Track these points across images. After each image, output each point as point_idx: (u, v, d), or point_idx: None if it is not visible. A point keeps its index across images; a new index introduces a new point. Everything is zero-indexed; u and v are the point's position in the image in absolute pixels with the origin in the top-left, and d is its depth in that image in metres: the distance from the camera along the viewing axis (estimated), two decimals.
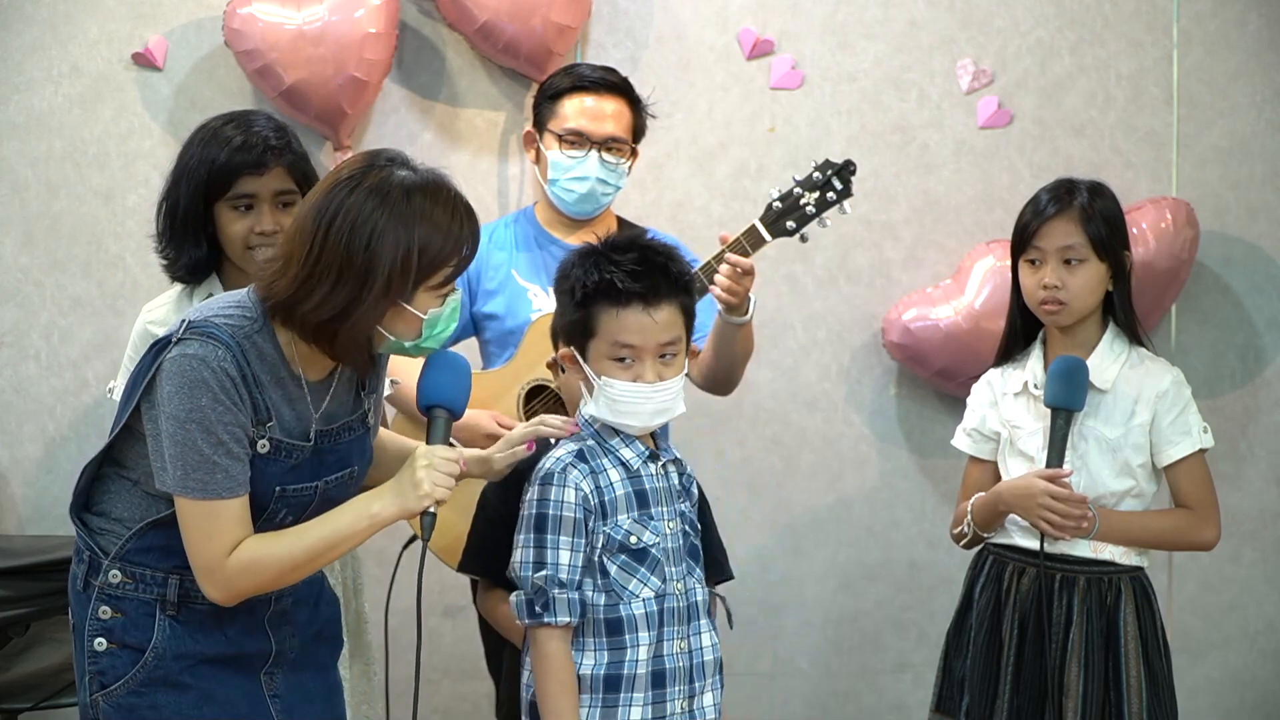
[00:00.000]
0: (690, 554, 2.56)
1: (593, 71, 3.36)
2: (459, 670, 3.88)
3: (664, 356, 2.47)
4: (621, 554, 2.47)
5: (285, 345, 2.33)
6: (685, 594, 2.52)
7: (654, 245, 2.53)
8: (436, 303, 2.32)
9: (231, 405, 2.25)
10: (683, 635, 2.51)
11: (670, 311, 2.47)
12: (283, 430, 2.33)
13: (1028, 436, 3.02)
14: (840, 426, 4.19)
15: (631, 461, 2.51)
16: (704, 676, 2.54)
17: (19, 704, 3.33)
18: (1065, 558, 2.96)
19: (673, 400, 2.49)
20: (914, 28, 4.13)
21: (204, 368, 2.23)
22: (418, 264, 2.26)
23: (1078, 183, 3.02)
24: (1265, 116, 4.17)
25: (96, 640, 2.35)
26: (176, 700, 2.34)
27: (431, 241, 2.26)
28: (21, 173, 3.99)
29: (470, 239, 2.32)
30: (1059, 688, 2.93)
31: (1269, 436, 4.23)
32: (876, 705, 4.24)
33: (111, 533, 2.38)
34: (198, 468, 2.24)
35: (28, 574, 3.27)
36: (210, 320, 2.27)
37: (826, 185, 3.17)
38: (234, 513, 2.28)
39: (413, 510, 2.30)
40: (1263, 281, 4.20)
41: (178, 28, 3.98)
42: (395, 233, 2.24)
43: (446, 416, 2.39)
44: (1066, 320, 2.98)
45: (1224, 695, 4.25)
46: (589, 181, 3.31)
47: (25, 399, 4.02)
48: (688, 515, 2.58)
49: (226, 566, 2.27)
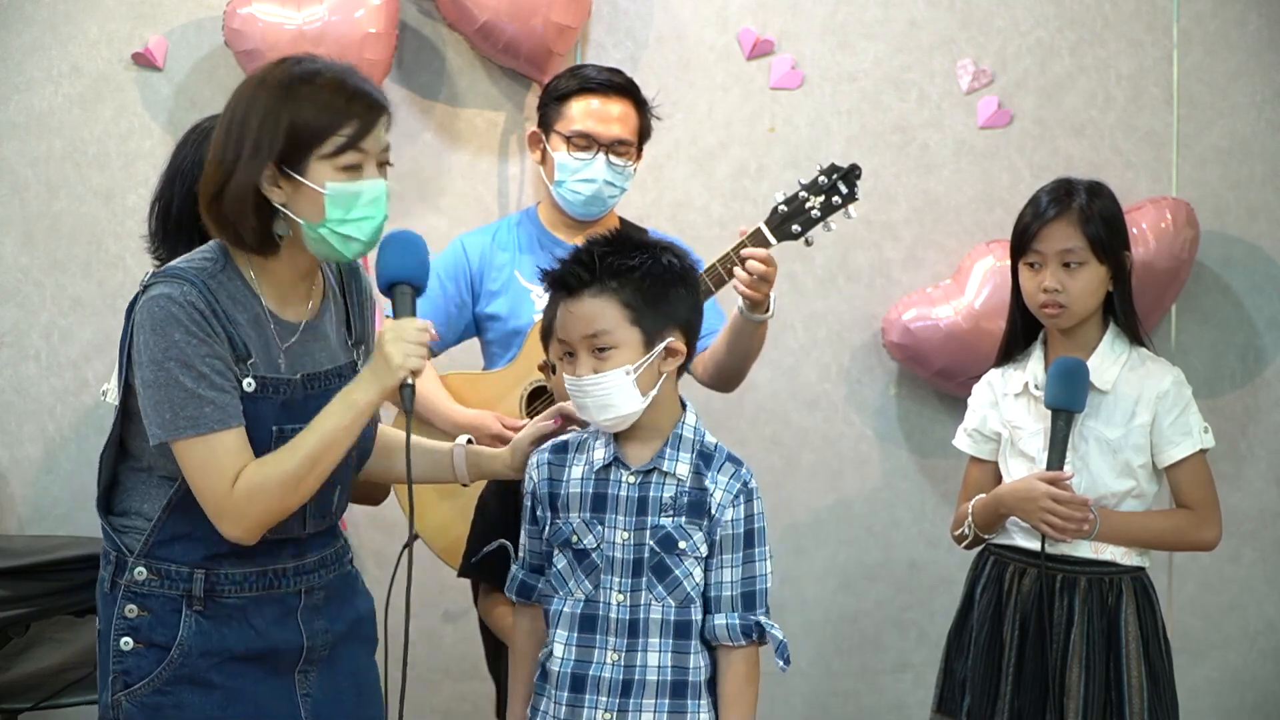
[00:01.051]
0: (655, 570, 2.44)
1: (599, 73, 3.36)
2: (459, 671, 3.88)
3: (600, 350, 2.40)
4: (568, 550, 2.46)
5: (253, 283, 2.34)
6: (629, 607, 2.43)
7: (602, 238, 2.47)
8: (339, 177, 2.28)
9: (205, 337, 2.25)
10: (618, 647, 2.44)
11: (595, 304, 2.40)
12: (267, 367, 2.32)
13: (1028, 437, 3.01)
14: (840, 426, 4.19)
15: (596, 461, 2.47)
16: (644, 695, 2.43)
17: (19, 704, 3.32)
18: (1066, 558, 2.96)
19: (610, 395, 2.40)
20: (914, 28, 4.13)
21: (170, 304, 2.24)
22: (291, 127, 2.26)
23: (1076, 184, 3.01)
24: (1265, 116, 4.18)
25: (123, 640, 2.34)
26: (202, 700, 2.32)
27: (304, 110, 2.26)
28: (22, 173, 3.99)
29: (361, 102, 2.30)
30: (1060, 688, 2.93)
31: (1269, 436, 4.23)
32: (876, 705, 4.24)
33: (135, 529, 2.37)
34: (184, 404, 2.23)
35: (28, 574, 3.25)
36: (173, 266, 2.31)
37: (832, 189, 3.16)
38: (231, 444, 2.26)
39: (389, 386, 2.27)
40: (1263, 281, 4.20)
41: (178, 28, 3.98)
42: (267, 103, 2.28)
43: (411, 291, 2.34)
44: (1067, 323, 2.97)
45: (1224, 695, 4.25)
46: (596, 184, 3.32)
47: (25, 399, 4.02)
48: (666, 531, 2.44)
49: (233, 498, 2.25)
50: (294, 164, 2.28)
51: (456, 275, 3.40)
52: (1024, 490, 2.93)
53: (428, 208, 4.04)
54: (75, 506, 3.97)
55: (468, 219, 3.97)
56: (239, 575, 2.35)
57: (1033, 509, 2.91)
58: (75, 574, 3.25)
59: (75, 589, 3.26)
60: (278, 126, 2.26)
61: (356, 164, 2.30)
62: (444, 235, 3.78)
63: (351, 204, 2.29)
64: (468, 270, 3.40)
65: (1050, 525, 2.89)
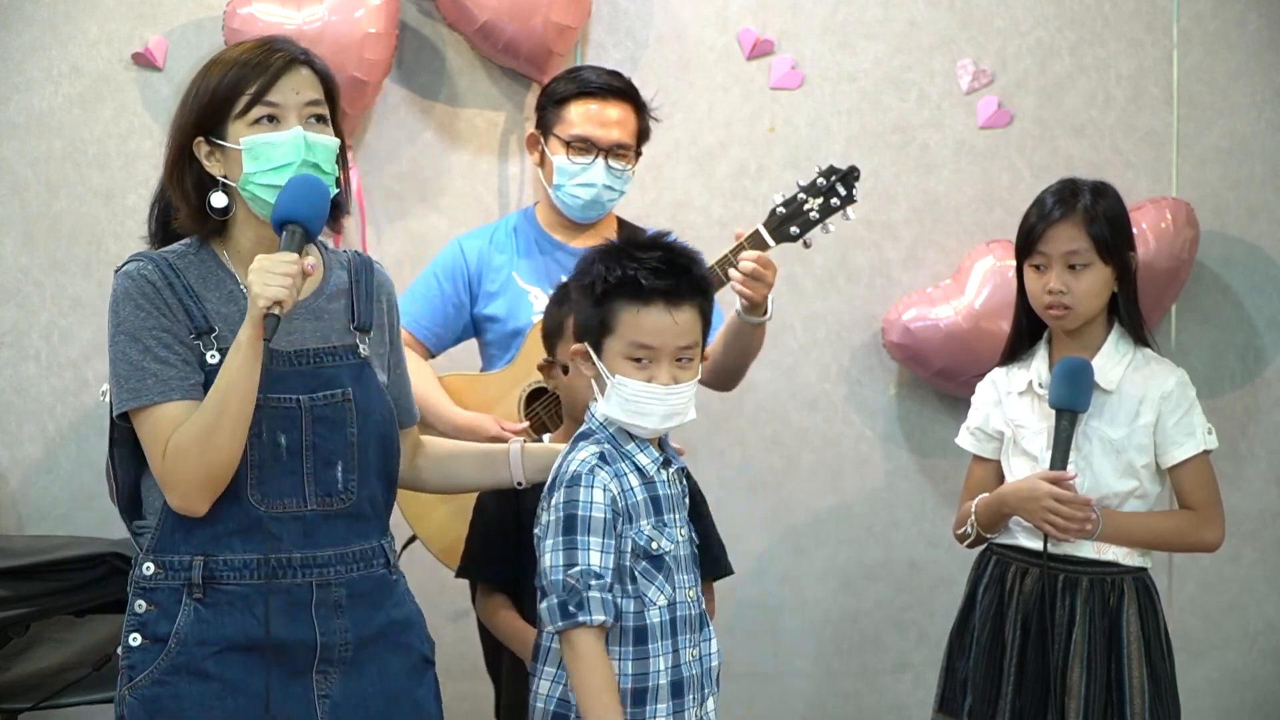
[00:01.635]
0: (694, 562, 2.54)
1: (598, 76, 3.36)
2: (459, 670, 3.87)
3: (680, 360, 2.43)
4: (643, 560, 2.44)
5: (228, 263, 2.38)
6: (695, 601, 2.50)
7: (678, 247, 2.49)
8: (253, 131, 2.33)
9: (154, 310, 2.29)
10: (694, 643, 2.48)
11: (691, 314, 2.44)
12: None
13: (1032, 436, 3.02)
14: (840, 426, 4.19)
15: (648, 468, 2.47)
16: (711, 683, 2.52)
17: (19, 704, 3.31)
18: (1069, 558, 2.96)
19: (685, 405, 2.45)
20: (914, 28, 4.14)
21: (127, 280, 2.31)
22: (207, 96, 2.33)
23: (1081, 184, 3.01)
24: (1265, 116, 4.18)
25: (131, 636, 2.34)
26: (200, 690, 2.31)
27: (214, 77, 2.34)
28: (21, 173, 3.99)
29: (267, 66, 2.34)
30: (1061, 688, 2.93)
31: (1269, 436, 4.24)
32: (876, 705, 4.24)
33: (148, 528, 2.37)
34: (129, 377, 2.28)
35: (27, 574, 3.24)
36: (144, 250, 2.40)
37: (831, 191, 3.16)
38: (170, 414, 2.28)
39: (255, 317, 2.24)
40: (1263, 281, 4.21)
41: (178, 28, 3.98)
42: (191, 84, 2.37)
43: (299, 231, 2.31)
44: (1072, 324, 2.97)
45: (1224, 695, 4.26)
46: (595, 188, 3.32)
47: (25, 399, 4.02)
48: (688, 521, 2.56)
49: (164, 465, 2.28)
50: (217, 131, 2.34)
51: (454, 276, 3.40)
52: (1027, 490, 2.93)
53: (428, 208, 4.04)
54: (75, 506, 3.97)
55: (468, 219, 3.97)
56: (239, 561, 2.33)
57: (1035, 509, 2.91)
58: (75, 574, 3.24)
59: (75, 589, 3.25)
60: (196, 99, 2.35)
61: (268, 116, 2.34)
62: (444, 235, 3.79)
63: (268, 155, 2.32)
64: (465, 271, 3.40)
65: (1052, 525, 2.89)
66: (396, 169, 4.02)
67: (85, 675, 3.29)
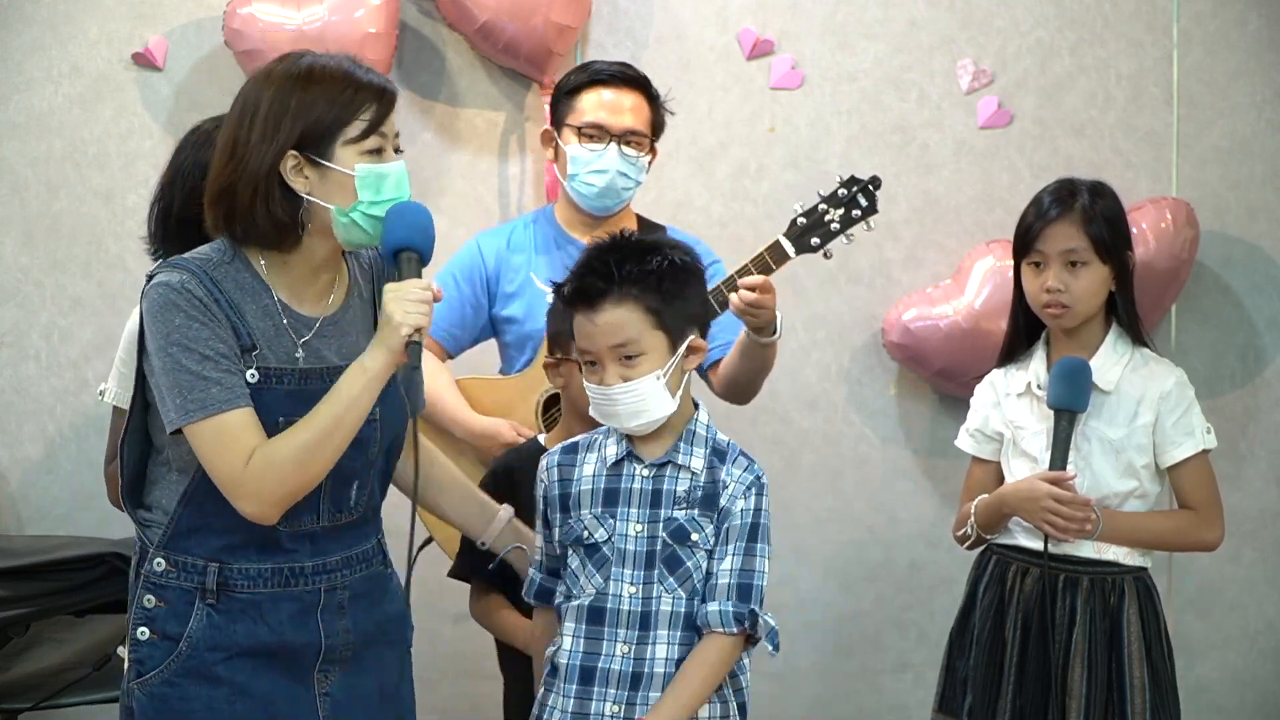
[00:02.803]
0: (667, 562, 2.46)
1: (610, 66, 3.35)
2: (458, 670, 3.88)
3: (624, 358, 2.42)
4: (580, 547, 2.47)
5: (264, 274, 2.35)
6: (640, 599, 2.45)
7: (608, 244, 2.48)
8: (366, 159, 2.32)
9: (206, 322, 2.27)
10: (628, 640, 2.45)
11: (619, 312, 2.41)
12: (277, 358, 2.32)
13: (1031, 437, 3.01)
14: (841, 426, 4.20)
15: (609, 457, 2.49)
16: (652, 688, 2.43)
17: (19, 704, 3.32)
18: (1069, 558, 2.96)
19: (644, 401, 2.42)
20: (914, 28, 4.14)
21: (169, 291, 2.26)
22: (309, 116, 2.29)
23: (1079, 184, 3.01)
24: (1265, 116, 4.18)
25: (140, 629, 2.35)
26: (209, 693, 2.33)
27: (320, 98, 2.30)
28: (22, 173, 4.01)
29: (376, 84, 2.33)
30: (1062, 688, 2.93)
31: (1269, 436, 4.23)
32: (876, 705, 4.25)
33: (156, 523, 2.38)
34: (191, 387, 2.25)
35: (27, 574, 3.25)
36: (176, 257, 2.34)
37: (852, 201, 3.16)
38: (241, 421, 2.27)
39: (395, 346, 2.28)
40: (1262, 281, 4.20)
41: (178, 28, 4.00)
42: (280, 95, 2.30)
43: (415, 258, 2.35)
44: (1070, 323, 2.97)
45: (1224, 695, 4.26)
46: (609, 174, 3.29)
47: (25, 399, 4.04)
48: (679, 523, 2.47)
49: (248, 473, 2.26)
50: (319, 151, 2.30)
51: (472, 276, 3.38)
52: (1026, 490, 2.93)
53: (428, 207, 4.04)
54: (75, 506, 3.99)
55: (468, 219, 3.98)
56: (253, 570, 2.35)
57: (1035, 509, 2.91)
58: (75, 574, 3.25)
59: (75, 589, 3.25)
60: (294, 116, 2.29)
61: (379, 148, 2.34)
62: (444, 235, 3.73)
63: (380, 185, 2.32)
64: (483, 271, 3.38)
65: (1052, 525, 2.89)
66: None
67: (85, 675, 3.30)
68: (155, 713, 2.34)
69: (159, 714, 2.34)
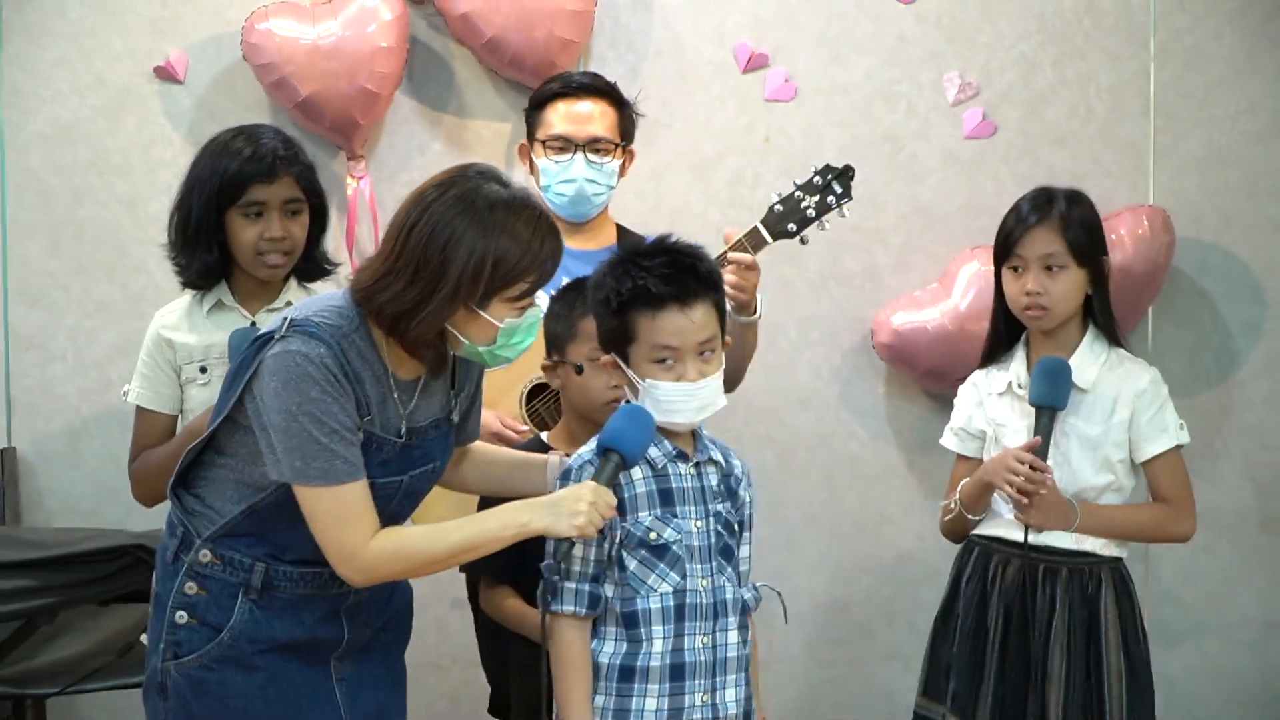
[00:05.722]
0: (723, 553, 2.54)
1: (572, 76, 3.36)
2: (467, 658, 3.85)
3: (703, 354, 2.46)
4: (641, 549, 2.47)
5: (380, 344, 2.38)
6: (712, 591, 2.51)
7: (680, 247, 2.51)
8: (514, 314, 2.36)
9: (338, 396, 2.29)
10: (706, 631, 2.50)
11: (704, 310, 2.46)
12: (380, 426, 2.38)
13: (1012, 434, 3.05)
14: (832, 425, 4.21)
15: (656, 460, 2.50)
16: (727, 672, 2.53)
17: (46, 689, 3.35)
18: (1048, 549, 2.99)
19: (714, 395, 2.49)
20: (903, 42, 4.15)
21: (308, 363, 2.28)
22: (491, 273, 2.30)
23: (1056, 191, 3.04)
24: (1239, 127, 4.17)
25: (179, 613, 2.41)
26: (245, 680, 2.41)
27: (508, 254, 2.30)
28: (48, 181, 4.01)
29: (551, 256, 2.35)
30: (1042, 674, 2.97)
31: (1242, 435, 4.23)
32: (866, 693, 4.26)
33: (205, 516, 2.43)
34: (316, 457, 2.28)
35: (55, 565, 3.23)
36: (310, 319, 2.32)
37: (826, 189, 3.17)
38: (360, 495, 2.32)
39: (560, 532, 2.34)
40: (1237, 285, 4.20)
41: (198, 42, 4.03)
42: (472, 241, 2.29)
43: (619, 460, 2.39)
44: (1049, 324, 3.01)
45: (1201, 684, 4.26)
46: (577, 183, 3.29)
47: (52, 398, 4.05)
48: (724, 516, 2.55)
49: (368, 552, 2.32)
50: (482, 302, 2.34)
51: None
52: (998, 458, 2.98)
53: None
54: (100, 500, 4.01)
55: None
56: (295, 574, 2.44)
57: (999, 470, 2.94)
58: (99, 565, 3.23)
59: (99, 580, 3.24)
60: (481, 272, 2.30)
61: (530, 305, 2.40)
62: None
63: (515, 336, 2.40)
64: None
65: (1010, 484, 2.91)
66: (407, 177, 3.99)
67: (109, 662, 3.34)
68: (192, 694, 2.42)
69: (195, 695, 2.42)
